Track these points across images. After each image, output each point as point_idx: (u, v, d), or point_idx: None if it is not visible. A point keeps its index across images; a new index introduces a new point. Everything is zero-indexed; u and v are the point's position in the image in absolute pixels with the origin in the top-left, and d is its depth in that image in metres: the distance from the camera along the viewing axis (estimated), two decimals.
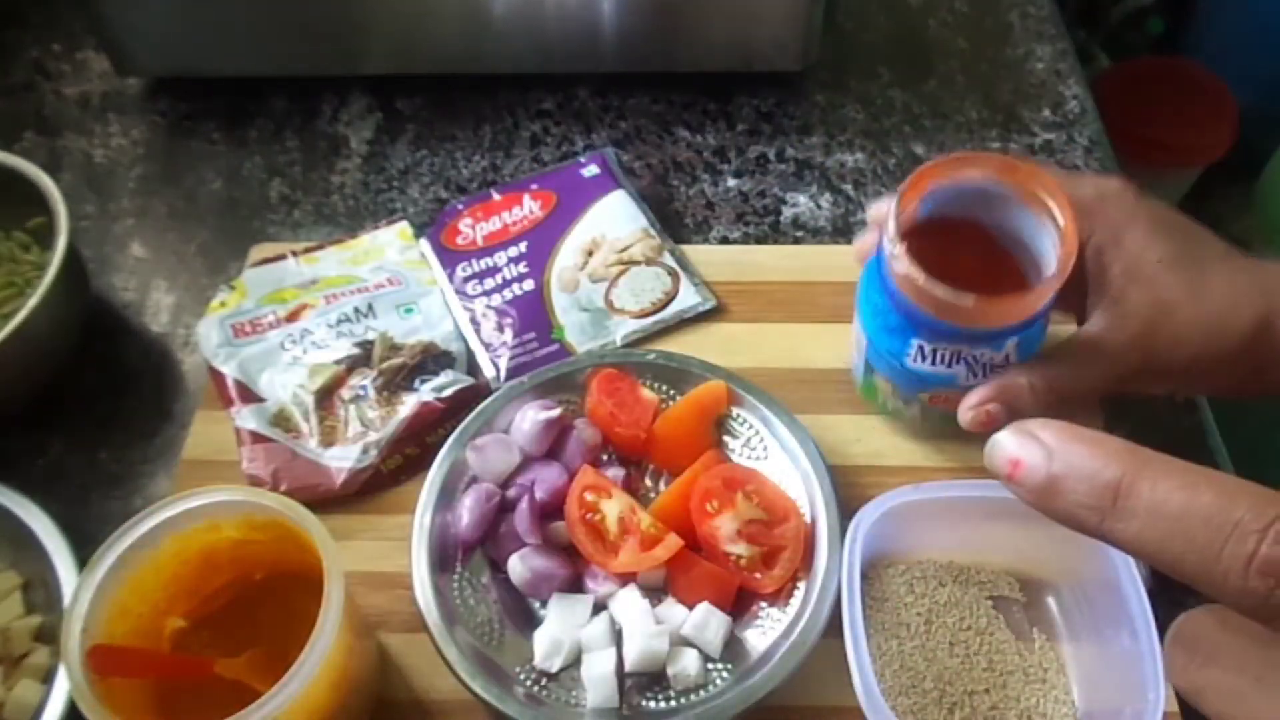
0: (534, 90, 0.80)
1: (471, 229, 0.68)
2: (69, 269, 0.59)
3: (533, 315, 0.64)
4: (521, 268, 0.65)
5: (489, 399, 0.56)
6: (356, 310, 0.63)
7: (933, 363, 0.50)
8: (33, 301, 0.57)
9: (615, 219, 0.68)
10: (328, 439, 0.58)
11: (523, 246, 0.66)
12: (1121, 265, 0.47)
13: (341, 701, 0.46)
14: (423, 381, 0.60)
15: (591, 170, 0.71)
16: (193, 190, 0.75)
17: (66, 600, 0.50)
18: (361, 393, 0.60)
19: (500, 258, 0.66)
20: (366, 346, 0.62)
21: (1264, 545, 0.18)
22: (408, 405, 0.59)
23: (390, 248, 0.68)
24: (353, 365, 0.61)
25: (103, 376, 0.65)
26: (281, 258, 0.67)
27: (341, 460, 0.57)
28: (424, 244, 0.68)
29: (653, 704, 0.49)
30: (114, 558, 0.44)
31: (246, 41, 0.76)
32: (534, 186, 0.70)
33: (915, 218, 0.50)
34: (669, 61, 0.78)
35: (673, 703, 0.49)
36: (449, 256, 0.67)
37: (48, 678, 0.51)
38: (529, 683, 0.49)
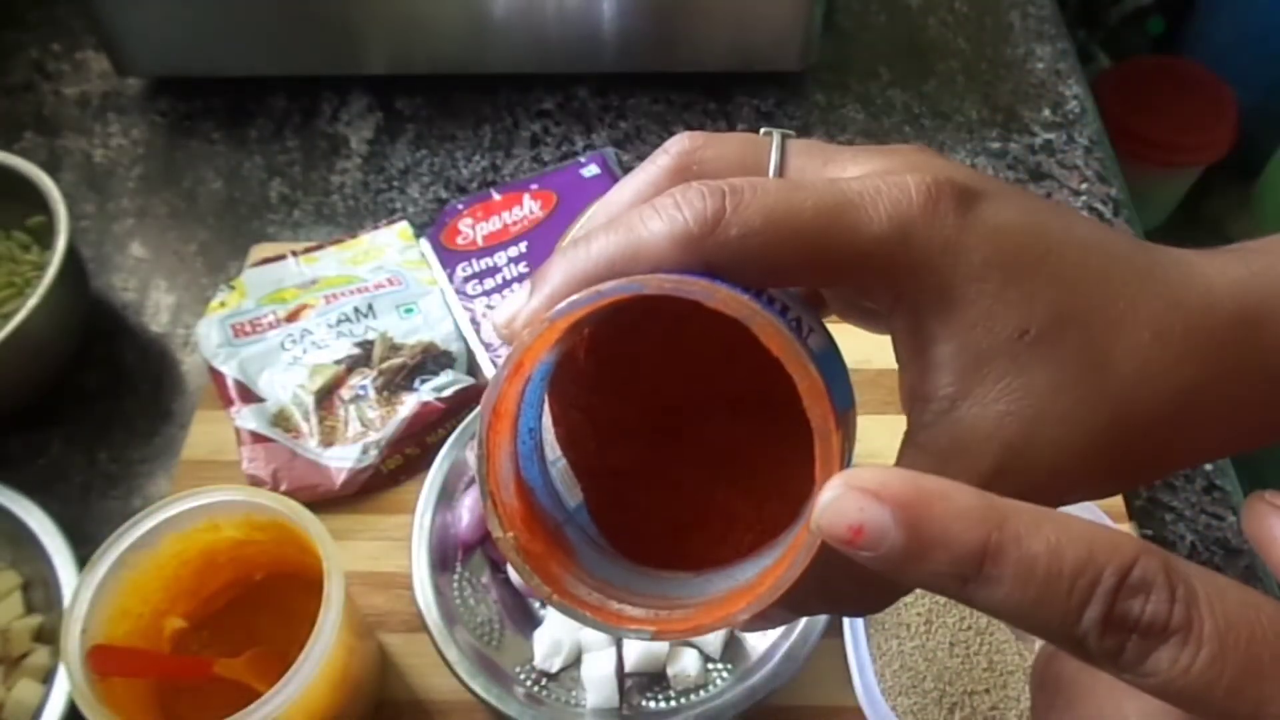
0: (534, 90, 0.80)
1: (471, 229, 0.68)
2: (69, 269, 0.59)
3: None
4: (522, 268, 0.65)
5: None
6: (356, 310, 0.63)
7: None
8: (33, 301, 0.57)
9: None
10: (328, 439, 0.58)
11: (523, 247, 0.66)
12: (954, 349, 0.23)
13: (341, 701, 0.46)
14: (423, 381, 0.60)
15: (592, 170, 0.71)
16: (193, 190, 0.75)
17: (66, 600, 0.50)
18: (361, 393, 0.60)
19: (500, 258, 0.66)
20: (366, 346, 0.62)
21: (1117, 603, 0.18)
22: (408, 405, 0.59)
23: (390, 248, 0.68)
24: (353, 365, 0.61)
25: (102, 376, 0.65)
26: (281, 258, 0.67)
27: (341, 460, 0.57)
28: (424, 244, 0.68)
29: (653, 704, 0.49)
30: (114, 558, 0.44)
31: (246, 41, 0.76)
32: (534, 186, 0.70)
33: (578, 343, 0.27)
34: (669, 61, 0.78)
35: (673, 703, 0.49)
36: (449, 256, 0.67)
37: (48, 678, 0.51)
38: (529, 683, 0.49)
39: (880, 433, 0.40)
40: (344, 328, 0.62)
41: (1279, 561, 0.22)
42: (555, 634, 0.50)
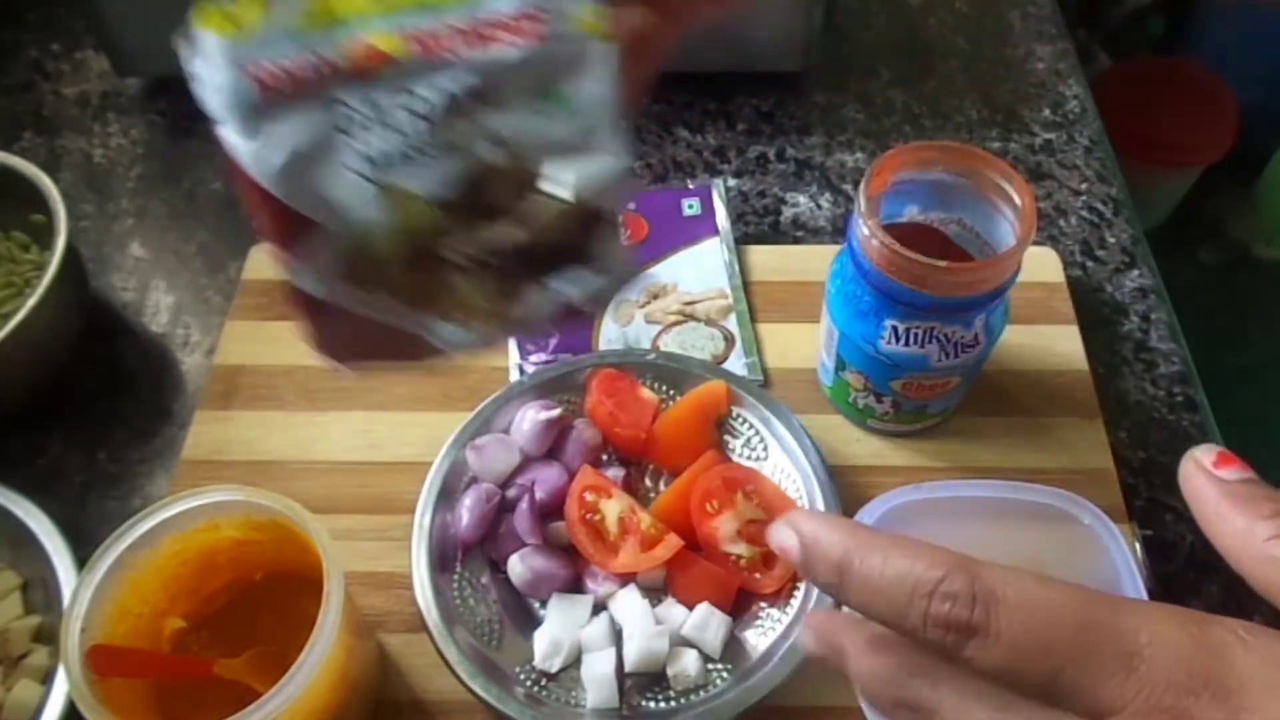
0: None
1: None
2: (68, 269, 0.59)
3: (577, 335, 0.63)
4: None
5: (488, 399, 0.56)
6: (471, 93, 0.27)
7: (905, 343, 0.51)
8: (32, 301, 0.57)
9: (696, 272, 0.66)
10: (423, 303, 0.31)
11: None
12: None
13: (341, 702, 0.46)
14: (558, 274, 0.30)
15: (692, 207, 0.69)
16: (192, 190, 0.75)
17: (66, 600, 0.50)
18: (485, 260, 0.29)
19: None
20: (479, 173, 0.28)
21: (933, 603, 0.24)
22: (531, 305, 0.30)
23: None
24: (459, 210, 0.28)
25: (102, 376, 0.65)
26: None
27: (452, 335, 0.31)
28: None
29: (653, 704, 0.49)
30: (113, 558, 0.44)
31: None
32: (632, 206, 0.68)
33: (879, 210, 0.50)
34: (669, 61, 0.77)
35: (673, 703, 0.49)
36: None
37: (47, 678, 0.51)
38: (529, 683, 0.49)
39: None
40: (447, 124, 0.27)
41: (1204, 514, 0.26)
42: (555, 634, 0.50)
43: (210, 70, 0.26)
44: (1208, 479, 0.26)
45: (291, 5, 0.26)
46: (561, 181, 0.28)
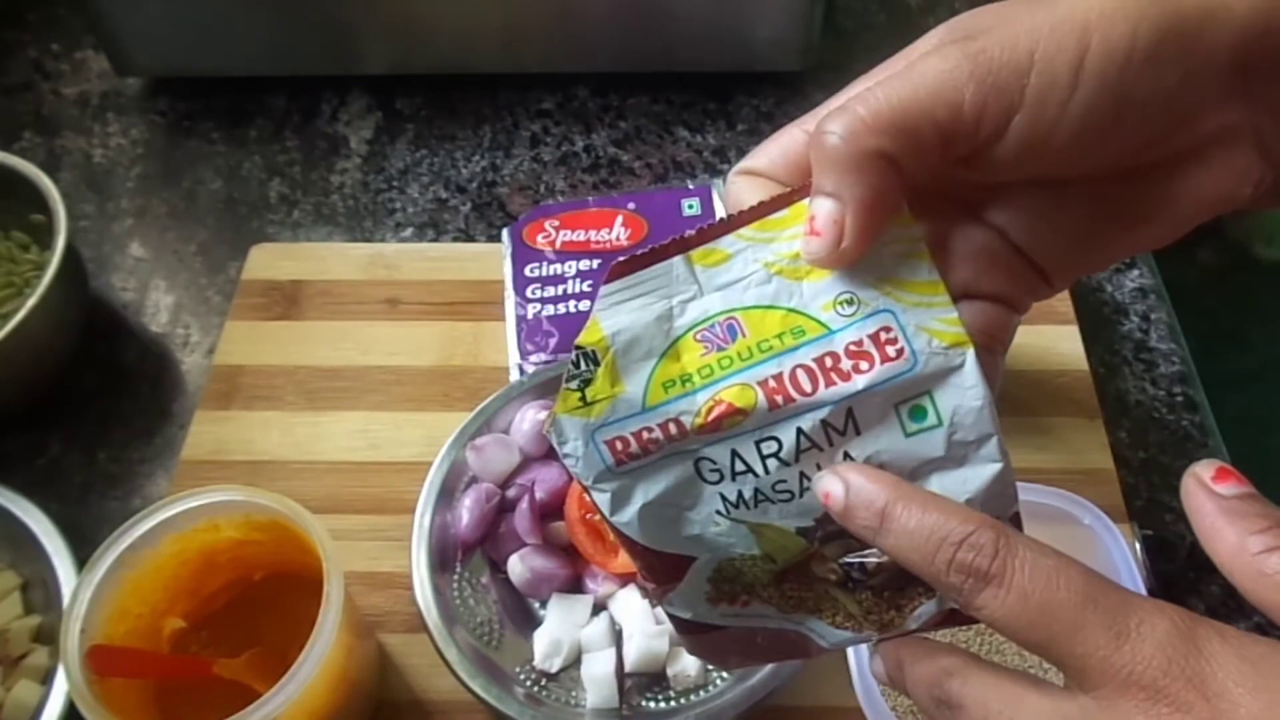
0: (534, 90, 0.80)
1: (555, 231, 0.67)
2: (68, 269, 0.59)
3: (576, 339, 0.61)
4: (585, 286, 0.64)
5: (488, 399, 0.56)
6: (826, 428, 0.28)
7: None
8: (32, 301, 0.57)
9: None
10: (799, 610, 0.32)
11: (594, 264, 0.65)
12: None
13: (341, 702, 0.46)
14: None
15: (693, 207, 0.68)
16: (192, 190, 0.75)
17: (66, 600, 0.50)
18: (859, 576, 0.31)
19: (570, 268, 0.65)
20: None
21: (959, 551, 0.25)
22: (918, 616, 0.31)
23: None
24: (829, 534, 0.30)
25: (101, 376, 0.65)
26: (659, 256, 0.30)
27: (831, 637, 0.32)
28: (504, 237, 0.67)
29: (653, 704, 0.49)
30: (113, 558, 0.44)
31: (246, 41, 0.76)
32: (630, 206, 0.68)
33: None
34: (669, 61, 0.77)
35: (673, 703, 0.49)
36: (522, 251, 0.66)
37: (46, 678, 0.51)
38: (529, 683, 0.49)
39: None
40: (805, 461, 0.29)
41: (1200, 529, 0.27)
42: (555, 634, 0.50)
43: (570, 445, 0.29)
44: (1206, 494, 0.27)
45: (641, 378, 0.29)
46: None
